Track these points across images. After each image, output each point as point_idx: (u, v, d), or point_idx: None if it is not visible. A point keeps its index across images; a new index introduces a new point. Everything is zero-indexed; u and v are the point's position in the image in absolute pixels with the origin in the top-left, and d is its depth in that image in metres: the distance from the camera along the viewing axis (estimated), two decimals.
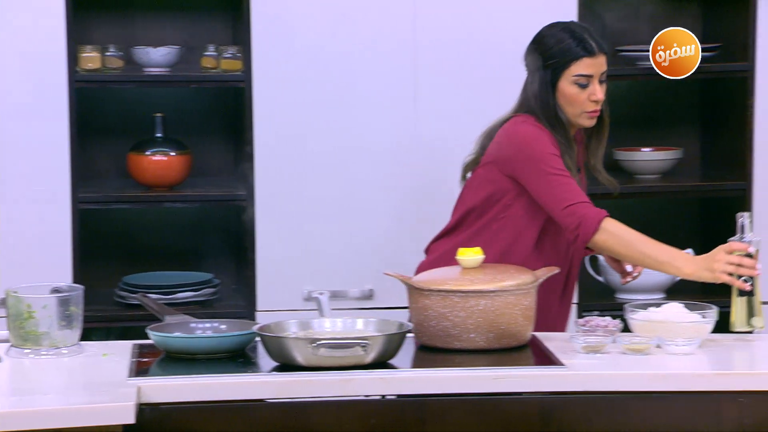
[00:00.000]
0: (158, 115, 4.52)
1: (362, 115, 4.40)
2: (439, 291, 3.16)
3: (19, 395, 2.90)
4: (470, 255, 3.24)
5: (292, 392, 2.94)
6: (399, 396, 2.97)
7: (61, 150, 4.35)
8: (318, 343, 2.97)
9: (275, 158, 4.38)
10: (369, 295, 4.46)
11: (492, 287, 3.16)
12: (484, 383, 2.97)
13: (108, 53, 4.43)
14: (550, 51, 3.54)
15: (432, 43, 4.42)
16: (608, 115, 3.65)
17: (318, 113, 4.39)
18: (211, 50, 4.45)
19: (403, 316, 3.31)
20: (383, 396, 2.98)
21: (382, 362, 3.02)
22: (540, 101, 3.53)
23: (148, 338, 3.16)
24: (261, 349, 3.11)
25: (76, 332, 3.16)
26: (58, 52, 4.32)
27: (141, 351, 3.18)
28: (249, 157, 4.38)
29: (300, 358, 2.99)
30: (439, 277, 3.22)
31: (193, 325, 3.25)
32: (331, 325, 3.19)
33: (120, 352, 3.16)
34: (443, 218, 3.84)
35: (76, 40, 4.39)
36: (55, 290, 3.18)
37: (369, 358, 3.00)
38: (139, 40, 4.57)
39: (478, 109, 4.44)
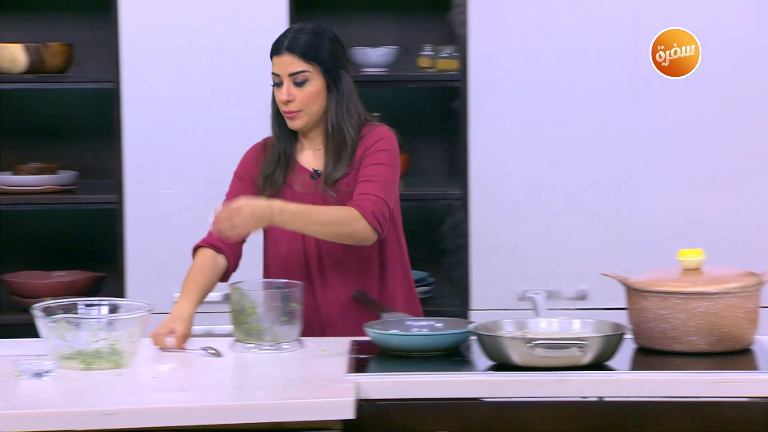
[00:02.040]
0: (375, 114, 4.56)
1: (580, 113, 4.36)
2: (659, 292, 3.11)
3: (241, 389, 2.97)
4: (691, 256, 3.18)
5: (507, 392, 2.93)
6: (617, 398, 2.93)
7: None
8: (535, 342, 2.96)
9: (493, 157, 4.37)
10: (583, 296, 4.42)
11: (714, 289, 3.08)
12: (705, 387, 2.91)
13: None
14: None
15: (651, 36, 4.36)
16: (338, 128, 3.41)
17: (534, 108, 4.36)
18: (427, 50, 4.48)
19: (616, 317, 3.26)
20: (600, 398, 2.94)
21: (598, 364, 2.99)
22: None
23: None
24: (476, 348, 3.11)
25: (296, 328, 3.21)
26: None
27: (358, 347, 3.21)
28: (463, 157, 4.38)
29: (516, 358, 2.98)
30: (658, 277, 3.16)
31: (409, 323, 3.27)
32: (547, 325, 3.17)
33: (337, 348, 3.20)
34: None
35: None
36: (269, 286, 3.24)
37: (586, 359, 2.97)
38: (355, 41, 4.63)
39: (698, 108, 4.37)
